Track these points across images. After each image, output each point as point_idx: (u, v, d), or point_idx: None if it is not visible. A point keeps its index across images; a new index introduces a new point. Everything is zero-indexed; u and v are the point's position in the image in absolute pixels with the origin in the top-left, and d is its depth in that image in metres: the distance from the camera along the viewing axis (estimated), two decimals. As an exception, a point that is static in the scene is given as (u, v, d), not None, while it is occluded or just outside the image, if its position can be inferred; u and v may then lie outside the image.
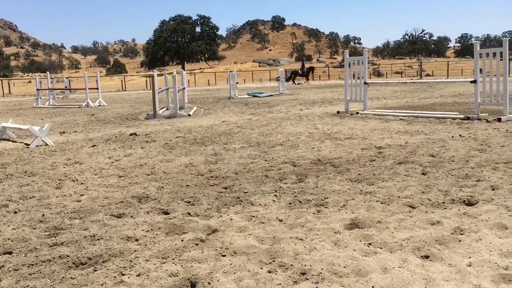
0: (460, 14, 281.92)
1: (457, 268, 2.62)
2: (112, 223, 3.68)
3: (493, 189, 4.20)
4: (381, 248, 2.98)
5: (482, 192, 4.13)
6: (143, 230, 3.49)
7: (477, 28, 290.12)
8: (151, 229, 3.50)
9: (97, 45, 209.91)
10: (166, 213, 3.93)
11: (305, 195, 4.31)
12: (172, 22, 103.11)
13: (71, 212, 4.04)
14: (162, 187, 4.85)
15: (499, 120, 8.91)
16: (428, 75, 53.51)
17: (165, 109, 15.59)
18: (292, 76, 38.75)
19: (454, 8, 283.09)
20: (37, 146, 8.08)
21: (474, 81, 9.75)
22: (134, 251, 3.07)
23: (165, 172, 5.62)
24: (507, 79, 9.31)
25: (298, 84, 38.78)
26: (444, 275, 2.54)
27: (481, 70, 9.76)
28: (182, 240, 3.22)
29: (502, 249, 2.87)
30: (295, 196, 4.29)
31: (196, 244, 3.14)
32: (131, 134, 9.31)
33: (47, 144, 8.22)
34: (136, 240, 3.29)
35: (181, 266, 2.79)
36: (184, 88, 17.26)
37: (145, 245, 3.18)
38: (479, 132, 7.72)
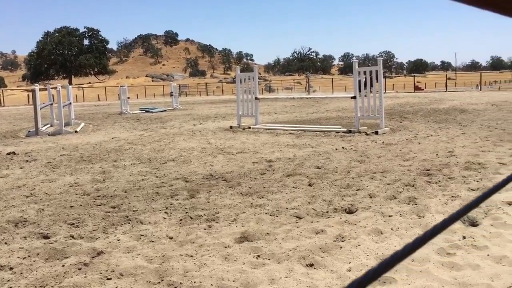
0: (343, 34, 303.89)
1: (338, 274, 2.77)
2: (-18, 252, 3.33)
3: (370, 197, 4.54)
4: (269, 259, 3.06)
5: (361, 200, 4.44)
6: (18, 257, 3.21)
7: (358, 48, 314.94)
8: (28, 256, 3.23)
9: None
10: (46, 237, 3.66)
11: (196, 211, 4.29)
12: (57, 34, 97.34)
13: None
14: (43, 209, 4.51)
15: (376, 133, 9.69)
16: (315, 91, 56.59)
17: (49, 125, 14.60)
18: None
19: (337, 29, 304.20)
20: None
21: (354, 97, 10.51)
22: (8, 281, 2.81)
23: (46, 193, 5.24)
24: (382, 95, 10.18)
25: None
26: (327, 281, 2.68)
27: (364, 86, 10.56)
28: (63, 266, 3.02)
29: (378, 253, 3.10)
30: (186, 212, 4.25)
31: (79, 269, 2.96)
32: (8, 153, 8.56)
33: None
34: (11, 268, 3.01)
35: (61, 293, 2.61)
36: (70, 103, 16.35)
37: (21, 273, 2.93)
38: (359, 144, 8.31)
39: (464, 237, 3.33)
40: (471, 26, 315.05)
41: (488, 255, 3.01)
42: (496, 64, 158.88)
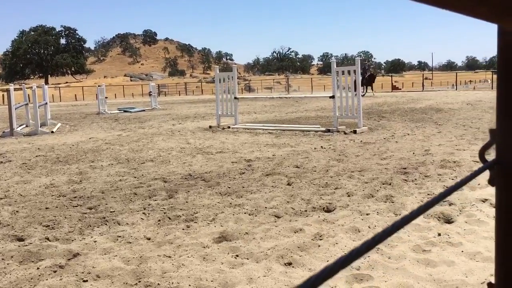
0: (322, 34, 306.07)
1: (316, 272, 2.79)
2: (-47, 256, 3.25)
3: (348, 196, 4.58)
4: (247, 259, 3.06)
5: (339, 199, 4.47)
6: (-8, 260, 3.14)
7: (337, 48, 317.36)
8: (2, 259, 3.17)
9: None
10: (20, 239, 3.59)
11: (174, 211, 4.26)
12: (33, 33, 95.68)
13: None
14: (17, 211, 4.43)
15: (354, 132, 9.78)
16: (295, 90, 56.79)
17: (24, 126, 14.33)
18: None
19: (316, 29, 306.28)
20: None
21: (333, 97, 10.59)
22: (-20, 285, 2.75)
23: (21, 195, 5.14)
24: (360, 94, 10.28)
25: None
26: (305, 280, 2.69)
27: (343, 86, 10.65)
28: (38, 268, 2.97)
29: (355, 250, 3.13)
30: (165, 213, 4.22)
31: (54, 271, 2.91)
32: (-18, 154, 8.37)
33: None
34: (-17, 272, 2.95)
35: (36, 297, 2.56)
36: (46, 103, 16.08)
37: (-6, 277, 2.86)
38: (337, 143, 8.38)
39: (439, 234, 3.39)
40: (447, 26, 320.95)
41: (462, 251, 3.07)
42: (472, 64, 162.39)
